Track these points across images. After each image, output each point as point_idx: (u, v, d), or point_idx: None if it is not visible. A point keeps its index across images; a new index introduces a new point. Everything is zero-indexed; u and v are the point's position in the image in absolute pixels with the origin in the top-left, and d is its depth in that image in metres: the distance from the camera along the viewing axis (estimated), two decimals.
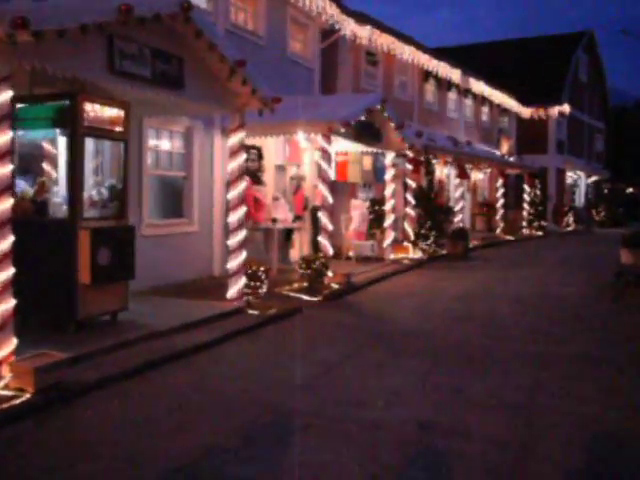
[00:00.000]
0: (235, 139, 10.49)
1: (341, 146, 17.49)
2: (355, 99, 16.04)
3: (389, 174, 17.56)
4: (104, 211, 8.71)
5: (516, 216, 32.02)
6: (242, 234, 10.53)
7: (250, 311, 10.38)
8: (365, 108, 14.43)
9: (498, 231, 28.34)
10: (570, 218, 36.67)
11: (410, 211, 19.72)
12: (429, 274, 16.47)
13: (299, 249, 17.88)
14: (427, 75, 25.50)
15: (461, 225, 23.12)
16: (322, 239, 13.63)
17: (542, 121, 36.31)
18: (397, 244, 19.72)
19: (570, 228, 36.28)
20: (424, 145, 19.72)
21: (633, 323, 10.62)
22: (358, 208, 17.56)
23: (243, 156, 10.59)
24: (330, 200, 13.74)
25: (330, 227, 13.68)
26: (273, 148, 16.06)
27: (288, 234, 16.18)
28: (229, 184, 10.73)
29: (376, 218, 18.31)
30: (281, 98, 10.81)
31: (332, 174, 18.09)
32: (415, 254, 19.34)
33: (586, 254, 22.91)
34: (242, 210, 10.50)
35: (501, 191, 28.44)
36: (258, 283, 11.09)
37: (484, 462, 4.94)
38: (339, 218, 17.73)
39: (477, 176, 30.35)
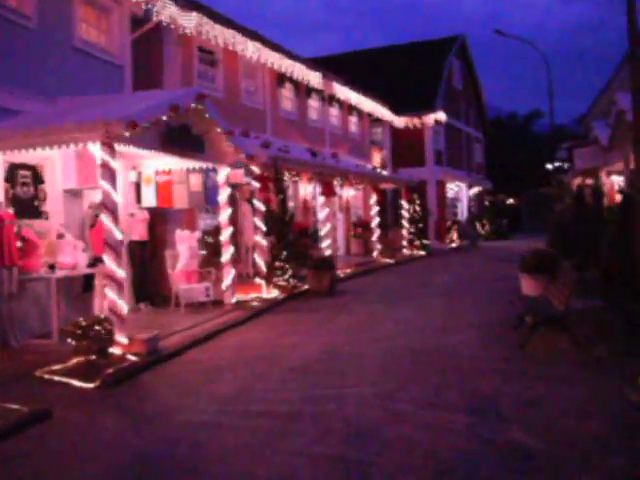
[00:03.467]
0: None
1: (163, 163, 13.53)
2: (160, 95, 12.03)
3: (223, 195, 13.65)
4: None
5: (396, 235, 28.85)
6: None
7: None
8: (169, 105, 10.45)
9: (375, 254, 24.92)
10: (454, 234, 33.93)
11: (260, 240, 15.88)
12: (278, 323, 12.61)
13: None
14: (281, 78, 21.86)
15: (328, 252, 19.48)
16: (109, 292, 9.50)
17: (418, 131, 33.44)
18: (247, 282, 15.87)
19: (454, 244, 33.51)
20: (272, 157, 15.95)
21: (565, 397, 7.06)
22: (185, 241, 13.53)
23: None
24: (117, 236, 9.64)
25: (118, 272, 9.57)
26: (59, 167, 11.88)
27: (88, 283, 11.91)
28: None
29: (212, 252, 14.36)
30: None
31: (152, 198, 14.12)
32: (270, 292, 15.51)
33: (475, 276, 19.72)
34: None
35: (375, 209, 25.05)
36: None
37: None
38: (163, 255, 13.66)
39: (349, 193, 26.92)
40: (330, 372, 8.40)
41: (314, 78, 22.49)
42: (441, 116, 33.52)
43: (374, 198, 25.10)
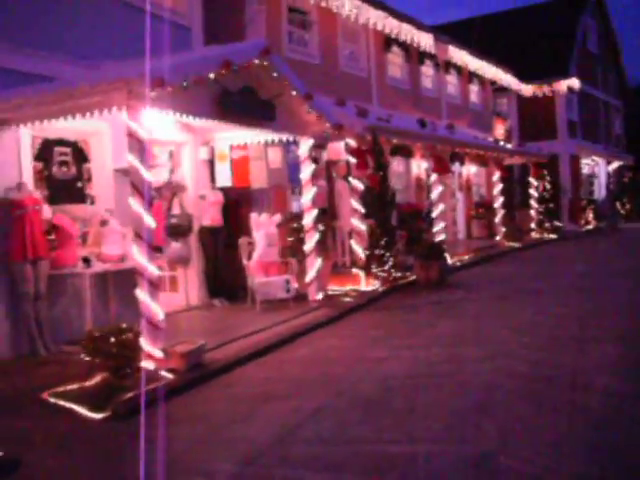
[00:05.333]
0: None
1: (237, 136, 11.59)
2: (213, 50, 9.95)
3: (306, 171, 11.51)
4: None
5: (523, 216, 25.78)
6: None
7: None
8: (219, 61, 8.39)
9: (499, 237, 22.10)
10: (590, 214, 30.32)
11: (358, 224, 13.66)
12: (367, 325, 10.39)
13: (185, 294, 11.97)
14: (388, 42, 19.42)
15: (442, 237, 16.98)
16: (140, 293, 7.53)
17: (548, 100, 29.95)
18: (343, 272, 13.73)
19: (591, 226, 29.92)
20: (370, 127, 13.63)
21: None
22: (262, 227, 11.50)
23: None
24: (149, 223, 7.64)
25: (150, 268, 7.57)
26: (108, 143, 10.11)
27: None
28: None
29: (298, 239, 12.27)
30: None
31: (227, 177, 12.20)
32: (369, 285, 13.32)
33: (617, 265, 16.59)
34: None
35: (499, 187, 22.19)
36: None
37: None
38: (237, 243, 11.71)
39: (470, 170, 24.14)
40: (410, 411, 6.05)
41: (426, 40, 19.86)
42: (575, 83, 29.88)
43: (497, 175, 22.26)
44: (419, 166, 19.93)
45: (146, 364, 7.16)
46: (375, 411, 6.07)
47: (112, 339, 6.73)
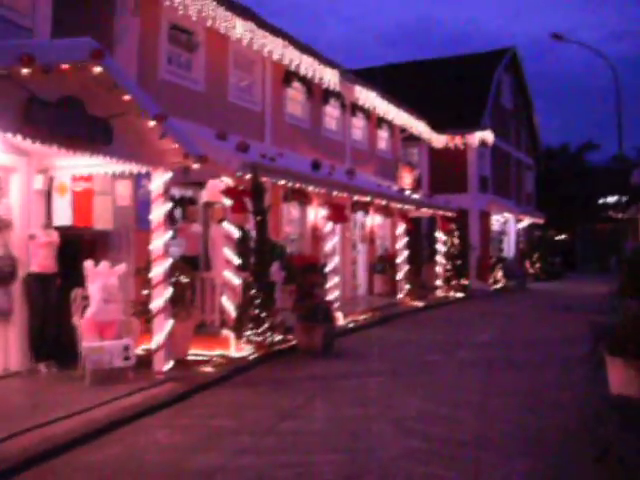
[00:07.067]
0: None
1: (81, 165, 9.37)
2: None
3: (157, 211, 9.33)
4: None
5: (429, 273, 24.21)
6: None
7: None
8: (16, 54, 6.22)
9: (401, 295, 20.33)
10: (499, 272, 29.08)
11: (231, 277, 11.55)
12: (219, 410, 8.15)
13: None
14: (289, 76, 17.59)
15: (336, 294, 15.05)
16: None
17: (460, 152, 28.73)
18: (211, 334, 11.61)
19: (499, 285, 28.67)
20: (250, 165, 11.60)
21: None
22: (99, 278, 9.20)
23: None
24: None
25: None
26: None
27: None
28: None
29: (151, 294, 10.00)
30: None
31: (67, 214, 9.92)
32: (241, 350, 11.21)
33: (527, 334, 14.97)
34: None
35: (403, 240, 20.50)
36: None
37: None
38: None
39: (374, 221, 22.41)
40: None
41: (330, 77, 18.08)
42: (488, 136, 28.82)
43: (402, 227, 20.59)
44: (316, 214, 18.00)
45: None
46: None
47: None
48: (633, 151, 47.74)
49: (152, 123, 8.35)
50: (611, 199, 50.90)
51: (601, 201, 52.21)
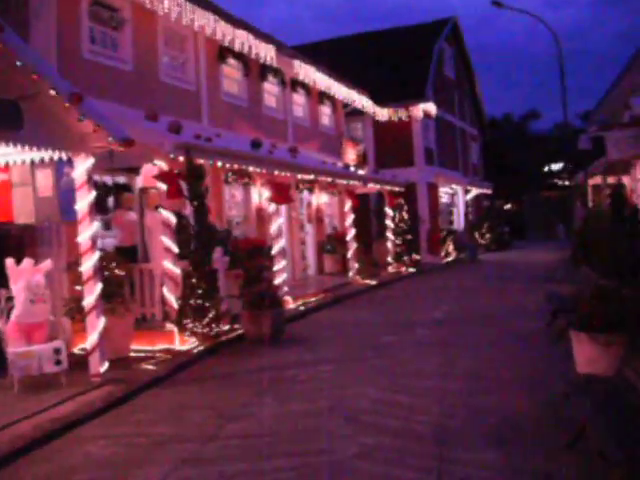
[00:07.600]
0: None
1: None
2: None
3: (83, 201, 8.57)
4: None
5: (380, 249, 23.77)
6: None
7: None
8: None
9: (352, 274, 19.83)
10: (449, 245, 28.84)
11: (170, 266, 10.85)
12: (160, 413, 7.50)
13: None
14: (224, 52, 16.79)
15: (282, 277, 14.49)
16: None
17: (405, 125, 28.21)
18: (153, 328, 10.96)
19: (451, 258, 28.44)
20: (183, 145, 10.88)
21: None
22: (23, 276, 8.43)
23: None
24: None
25: None
26: None
27: None
28: None
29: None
30: None
31: None
32: (185, 343, 10.59)
33: (479, 307, 14.63)
34: None
35: (351, 218, 19.96)
36: None
37: None
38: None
39: (320, 200, 21.83)
40: None
41: (266, 52, 17.30)
42: (431, 107, 28.40)
43: (349, 204, 20.05)
44: (260, 195, 17.33)
45: None
46: None
47: None
48: (577, 119, 48.10)
49: (67, 104, 7.58)
50: (556, 166, 51.43)
51: (546, 169, 52.72)
